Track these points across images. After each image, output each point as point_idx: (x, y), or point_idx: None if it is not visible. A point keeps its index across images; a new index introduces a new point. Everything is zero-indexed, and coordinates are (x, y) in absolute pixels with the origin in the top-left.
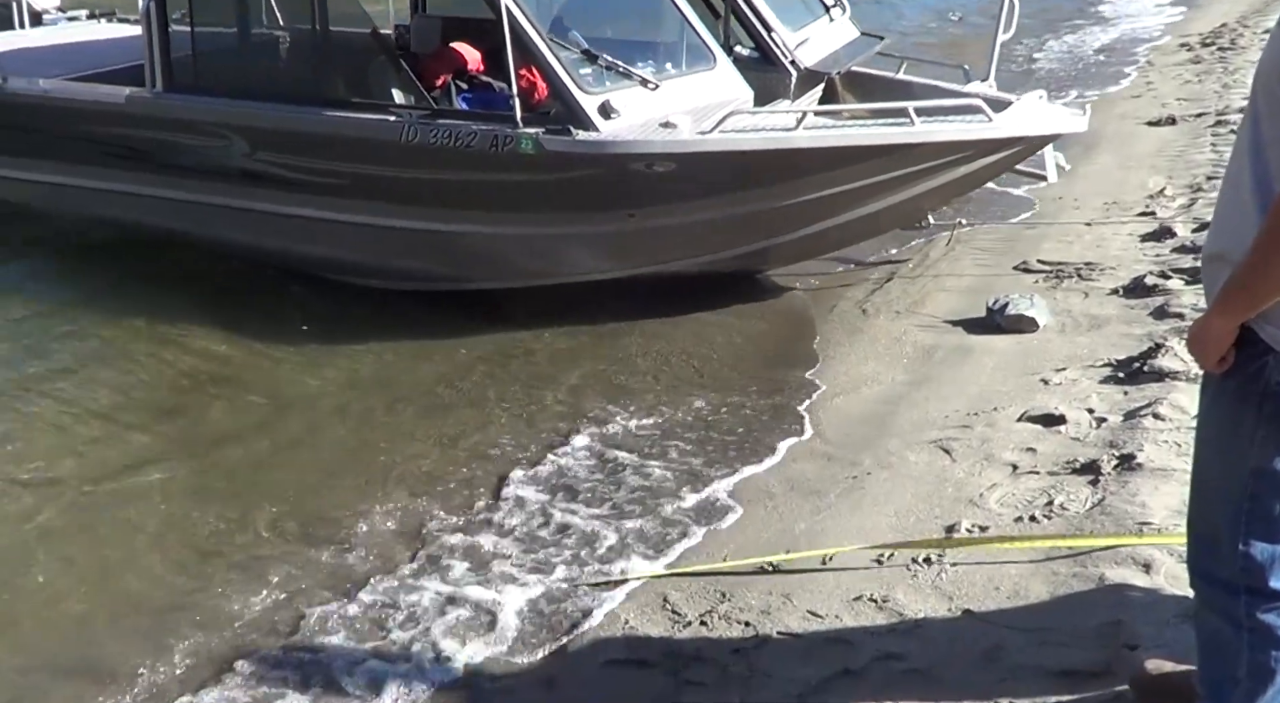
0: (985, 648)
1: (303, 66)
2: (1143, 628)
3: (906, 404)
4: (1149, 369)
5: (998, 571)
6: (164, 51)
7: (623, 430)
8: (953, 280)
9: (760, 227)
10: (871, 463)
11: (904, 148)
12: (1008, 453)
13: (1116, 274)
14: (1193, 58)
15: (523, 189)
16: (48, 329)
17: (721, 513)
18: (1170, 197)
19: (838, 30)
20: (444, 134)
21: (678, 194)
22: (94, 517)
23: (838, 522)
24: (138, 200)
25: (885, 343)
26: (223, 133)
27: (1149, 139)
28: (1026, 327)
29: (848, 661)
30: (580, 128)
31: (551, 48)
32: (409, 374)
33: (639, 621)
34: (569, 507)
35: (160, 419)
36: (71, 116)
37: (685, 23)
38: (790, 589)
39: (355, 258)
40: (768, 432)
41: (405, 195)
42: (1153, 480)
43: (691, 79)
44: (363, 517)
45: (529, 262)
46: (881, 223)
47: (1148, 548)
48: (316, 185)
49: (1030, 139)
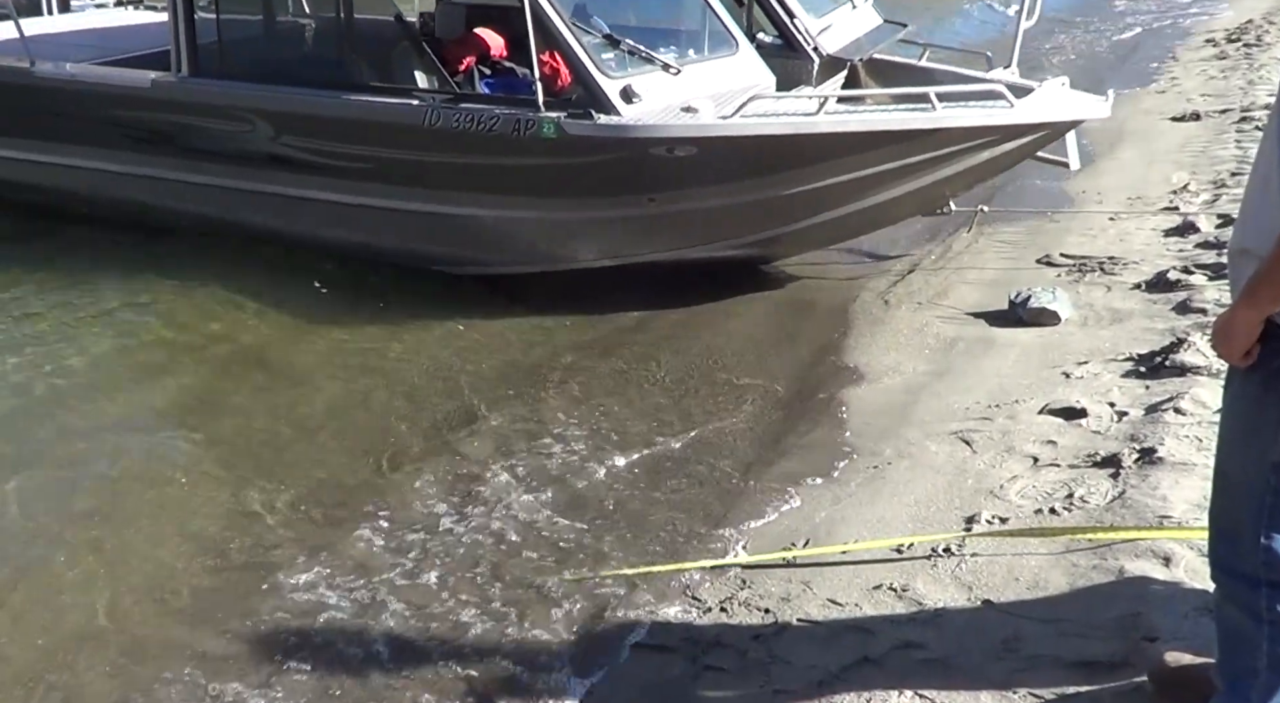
0: (1004, 638)
1: (327, 52)
2: (1162, 621)
3: (928, 395)
4: (1171, 364)
5: (1017, 562)
6: (189, 36)
7: (641, 420)
8: (975, 273)
9: (781, 212)
10: (892, 453)
11: (926, 133)
12: (1028, 445)
13: (1139, 268)
14: (1218, 53)
15: (544, 173)
16: (70, 309)
17: (741, 502)
18: (1194, 192)
19: (860, 17)
20: (467, 118)
21: (698, 179)
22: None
23: (858, 511)
24: (163, 184)
25: (907, 334)
26: (247, 117)
27: (1173, 134)
28: (1048, 320)
29: (867, 649)
30: (602, 112)
31: (574, 32)
32: (433, 360)
33: (660, 608)
34: (586, 497)
35: (187, 404)
36: (98, 101)
37: (708, 8)
38: (810, 577)
39: (378, 241)
40: (788, 421)
41: (428, 179)
42: (1173, 474)
43: (713, 64)
44: (383, 500)
45: (550, 246)
46: (903, 208)
47: (1168, 541)
48: (340, 169)
49: (1053, 124)
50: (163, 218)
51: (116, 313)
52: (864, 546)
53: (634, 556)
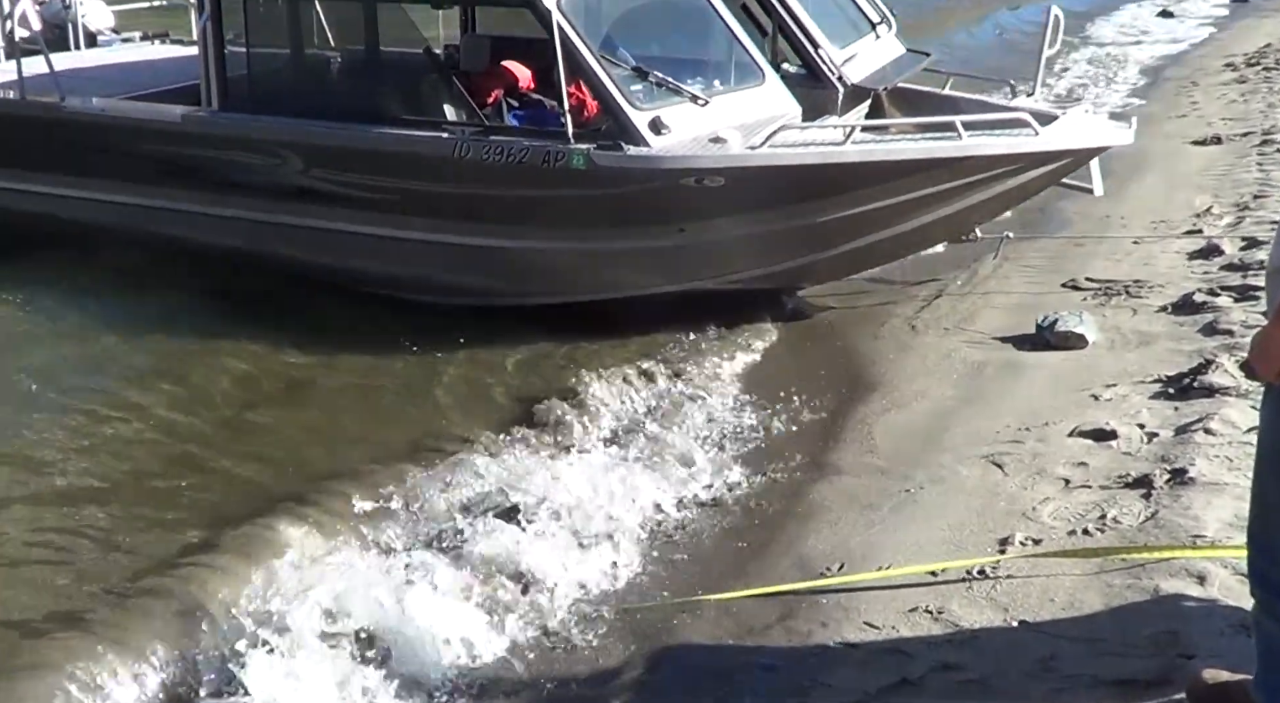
0: (1041, 658)
1: (357, 85)
2: (1198, 638)
3: (957, 419)
4: (1199, 385)
5: (1052, 582)
6: (220, 70)
7: (669, 448)
8: (1001, 297)
9: (809, 240)
10: (924, 477)
11: (952, 161)
12: (1059, 467)
13: (1165, 291)
14: (1238, 77)
15: (574, 204)
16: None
17: (774, 529)
18: (1217, 215)
19: (884, 47)
20: (496, 150)
21: (728, 209)
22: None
23: (891, 536)
24: (192, 218)
25: (935, 359)
26: (277, 151)
27: (1195, 158)
28: (1076, 343)
29: (905, 671)
30: (631, 143)
31: (603, 64)
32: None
33: (697, 636)
34: (622, 528)
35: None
36: (128, 135)
37: (734, 39)
38: (847, 601)
39: (409, 273)
40: (818, 447)
41: (458, 211)
42: (1205, 494)
43: (740, 95)
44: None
45: (580, 277)
46: (929, 237)
47: (1202, 560)
48: (370, 202)
49: (1077, 151)
50: (193, 251)
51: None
52: (898, 571)
53: (672, 586)
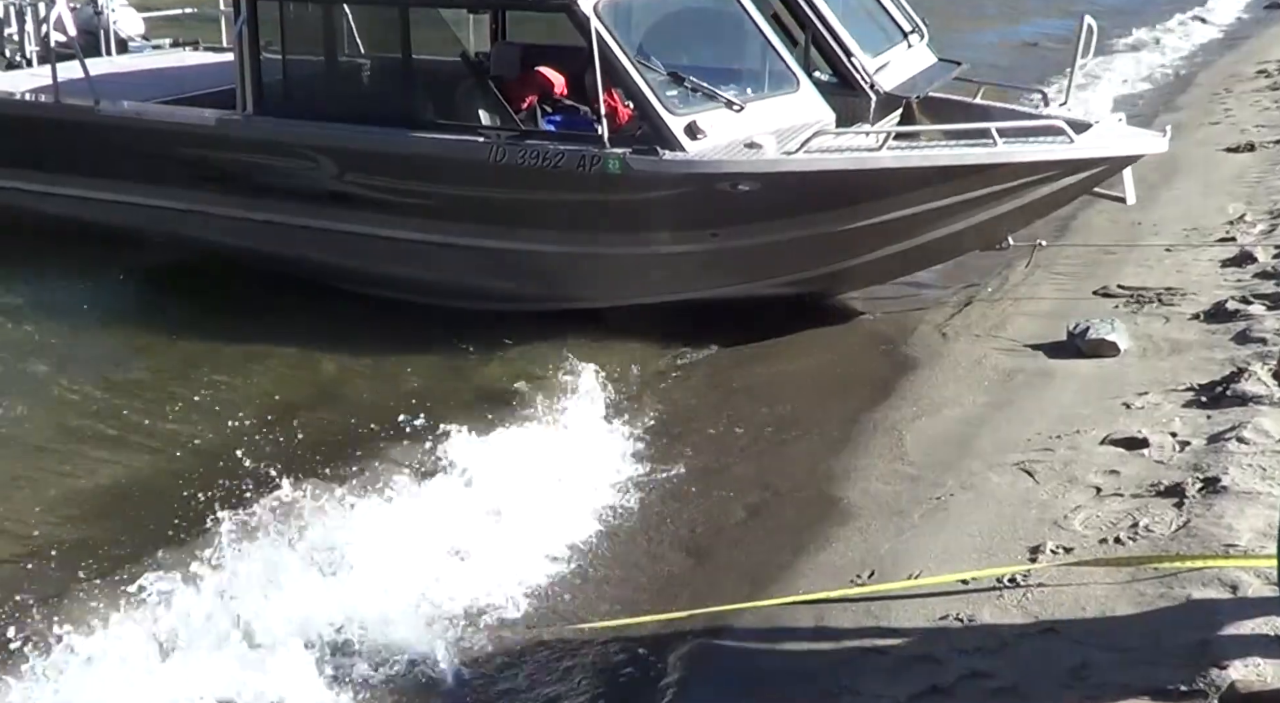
0: (1072, 667)
1: (392, 90)
2: (1231, 647)
3: (988, 427)
4: (1232, 393)
5: (1083, 591)
6: (255, 75)
7: (701, 455)
8: (1032, 304)
9: (843, 246)
10: (954, 484)
11: (987, 168)
12: (1091, 475)
13: (1197, 299)
14: (1270, 84)
15: (608, 209)
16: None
17: (805, 536)
18: (1250, 223)
19: (916, 56)
20: (532, 154)
21: (762, 214)
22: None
23: (922, 542)
24: (225, 222)
25: (966, 366)
26: (312, 155)
27: (1228, 165)
28: (1107, 351)
29: (936, 678)
30: (666, 148)
31: (639, 69)
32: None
33: (732, 638)
34: (657, 536)
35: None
36: (162, 139)
37: (768, 46)
38: (877, 608)
39: (442, 279)
40: (849, 453)
41: (493, 215)
42: (1238, 503)
43: (775, 101)
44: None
45: (614, 282)
46: (963, 243)
47: (1234, 570)
48: (405, 206)
49: (1112, 160)
50: (225, 254)
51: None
52: (929, 580)
53: (704, 593)
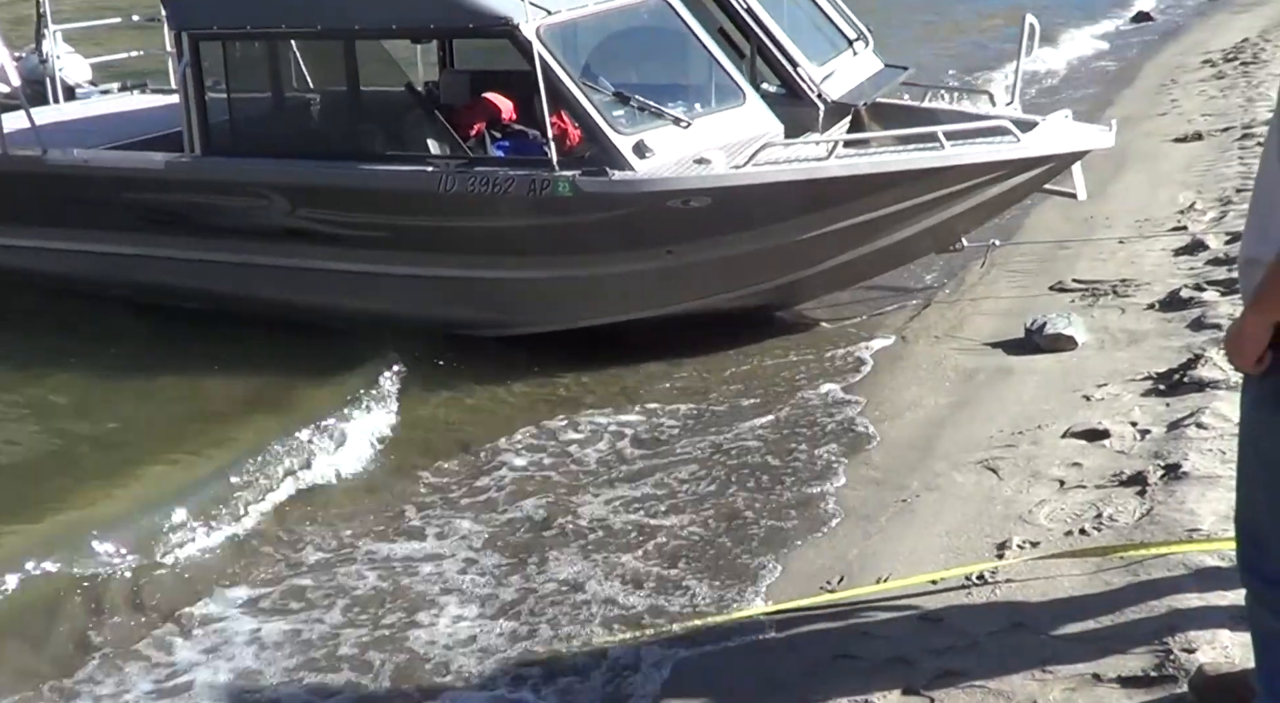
0: (1044, 659)
1: (340, 123)
2: (1198, 632)
3: (951, 427)
4: (1189, 380)
5: (1051, 584)
6: (201, 116)
7: (666, 469)
8: (989, 303)
9: (798, 257)
10: (919, 486)
11: (936, 171)
12: (1054, 469)
13: (1152, 289)
14: (1216, 73)
15: (561, 231)
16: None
17: (774, 545)
18: (1201, 211)
19: (862, 63)
20: (481, 181)
21: (715, 229)
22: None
23: (890, 545)
24: (179, 264)
25: (926, 368)
26: (263, 192)
27: (1177, 155)
28: (1065, 345)
29: (909, 680)
30: (616, 168)
31: (584, 91)
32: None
33: (701, 650)
34: (608, 555)
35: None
36: (111, 184)
37: (713, 61)
38: (848, 614)
39: (399, 309)
40: (814, 461)
41: (446, 244)
42: (1199, 488)
43: (722, 116)
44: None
45: (571, 304)
46: (917, 247)
47: (1199, 554)
48: (359, 239)
49: (1059, 156)
50: (180, 297)
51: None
52: (898, 583)
53: (669, 606)
